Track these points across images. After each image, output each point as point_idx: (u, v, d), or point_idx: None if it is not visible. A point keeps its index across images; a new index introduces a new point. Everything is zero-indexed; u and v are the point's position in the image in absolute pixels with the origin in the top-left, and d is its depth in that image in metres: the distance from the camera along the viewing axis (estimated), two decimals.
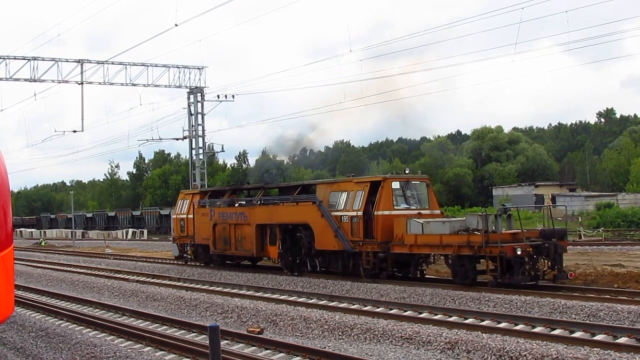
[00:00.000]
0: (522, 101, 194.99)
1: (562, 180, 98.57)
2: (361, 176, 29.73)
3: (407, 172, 28.56)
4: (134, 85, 51.08)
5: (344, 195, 28.15)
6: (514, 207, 27.78)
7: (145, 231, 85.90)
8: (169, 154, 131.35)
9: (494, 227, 23.53)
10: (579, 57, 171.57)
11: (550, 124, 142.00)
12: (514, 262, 22.26)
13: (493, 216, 23.95)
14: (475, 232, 23.50)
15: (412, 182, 28.23)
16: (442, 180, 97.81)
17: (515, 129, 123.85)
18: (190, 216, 37.12)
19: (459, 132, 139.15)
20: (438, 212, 28.43)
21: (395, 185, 27.59)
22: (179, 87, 52.78)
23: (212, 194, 37.78)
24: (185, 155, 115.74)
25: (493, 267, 22.93)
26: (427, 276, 27.34)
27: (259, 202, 32.65)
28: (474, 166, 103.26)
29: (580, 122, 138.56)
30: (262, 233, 32.19)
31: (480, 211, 26.37)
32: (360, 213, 27.16)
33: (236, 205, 34.39)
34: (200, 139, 53.37)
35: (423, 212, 27.35)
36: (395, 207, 27.13)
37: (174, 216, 39.77)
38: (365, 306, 21.64)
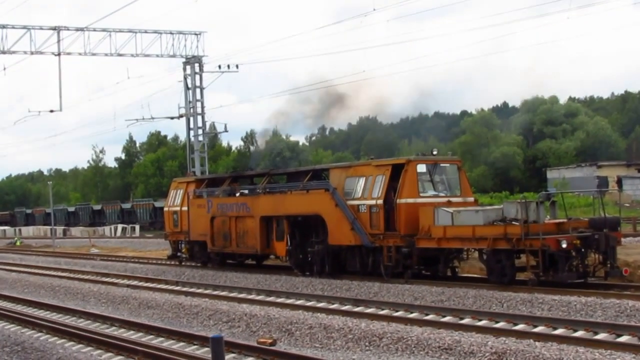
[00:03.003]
0: (581, 66, 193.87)
1: (630, 159, 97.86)
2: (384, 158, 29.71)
3: (434, 153, 28.48)
4: (120, 55, 51.35)
5: (362, 181, 28.16)
6: (558, 192, 27.78)
7: (137, 227, 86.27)
8: (165, 136, 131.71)
9: (535, 217, 23.50)
10: None
11: (613, 93, 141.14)
12: (559, 257, 22.30)
13: (534, 203, 23.93)
14: (514, 223, 23.49)
15: (441, 164, 28.21)
16: (486, 161, 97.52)
17: (572, 99, 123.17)
18: (185, 208, 37.26)
19: (505, 105, 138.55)
20: (471, 199, 28.43)
21: (421, 168, 27.56)
22: (173, 56, 53.02)
23: (210, 183, 37.90)
24: (184, 137, 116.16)
25: (534, 263, 22.96)
26: (460, 274, 27.41)
27: (263, 191, 32.71)
28: (525, 144, 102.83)
29: None
30: (267, 227, 32.30)
31: (534, 198, 26.35)
32: (380, 202, 27.17)
33: (237, 194, 34.49)
34: (200, 118, 53.55)
35: (453, 199, 27.36)
36: (421, 194, 27.14)
37: (166, 209, 39.97)
38: (397, 311, 21.69)
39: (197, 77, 53.41)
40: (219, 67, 53.01)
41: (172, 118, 57.28)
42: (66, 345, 19.11)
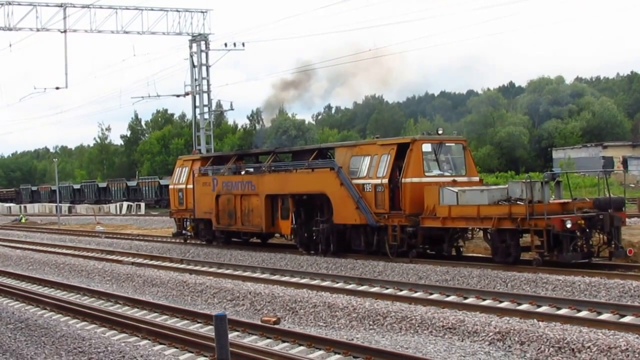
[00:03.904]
0: (587, 46, 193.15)
1: (636, 140, 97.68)
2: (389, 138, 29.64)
3: (440, 132, 28.43)
4: (127, 33, 51.25)
5: (367, 160, 28.14)
6: (563, 172, 27.74)
7: (142, 205, 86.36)
8: (172, 115, 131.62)
9: (540, 197, 23.46)
10: None
11: (618, 74, 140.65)
12: (563, 237, 22.32)
13: (539, 183, 23.91)
14: (519, 202, 23.46)
15: (446, 144, 28.17)
16: (492, 141, 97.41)
17: (578, 79, 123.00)
18: (190, 186, 37.28)
19: (512, 84, 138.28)
20: (476, 179, 28.43)
21: (427, 147, 27.54)
22: (180, 34, 52.90)
23: (215, 160, 37.88)
24: (190, 115, 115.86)
25: (539, 243, 22.97)
26: (465, 254, 27.41)
27: (268, 169, 32.70)
28: (530, 124, 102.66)
29: None
30: (272, 205, 32.33)
31: (539, 178, 26.33)
32: (385, 181, 27.14)
33: (242, 173, 34.49)
34: (205, 96, 53.49)
35: (458, 179, 27.33)
36: (427, 174, 27.12)
37: (171, 186, 39.99)
38: (401, 290, 21.70)
39: (203, 55, 53.30)
40: (225, 45, 52.91)
41: (177, 96, 57.32)
42: (70, 322, 19.15)
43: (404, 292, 21.38)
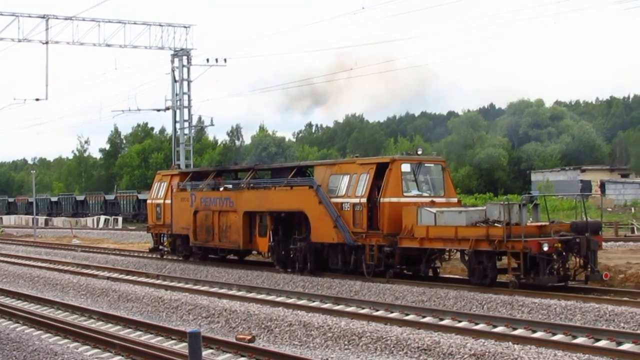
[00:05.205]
0: (567, 70, 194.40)
1: (613, 164, 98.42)
2: (369, 157, 29.69)
3: (419, 152, 28.53)
4: (109, 46, 51.13)
5: (346, 179, 28.15)
6: (541, 195, 27.87)
7: (120, 219, 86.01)
8: (152, 128, 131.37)
9: (518, 219, 23.53)
10: (638, 17, 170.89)
11: (597, 98, 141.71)
12: (540, 260, 22.37)
13: (517, 205, 23.97)
14: (496, 224, 23.51)
15: (425, 164, 28.23)
16: (472, 162, 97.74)
17: (558, 102, 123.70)
18: (168, 201, 37.18)
19: (492, 106, 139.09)
20: (455, 200, 28.48)
21: (406, 167, 27.57)
22: (162, 48, 52.78)
23: (194, 176, 37.81)
24: (171, 129, 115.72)
25: (516, 265, 23.00)
26: (442, 275, 27.50)
27: (247, 186, 32.65)
28: (510, 146, 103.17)
29: (636, 95, 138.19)
30: (250, 222, 32.25)
31: (518, 200, 26.41)
32: (364, 200, 27.15)
33: (221, 189, 34.43)
34: (186, 111, 53.39)
35: (437, 199, 27.37)
36: (405, 194, 27.14)
37: (149, 201, 39.91)
38: (377, 310, 21.66)
39: (185, 69, 53.25)
40: (207, 60, 52.90)
41: (158, 110, 57.08)
42: (43, 336, 18.98)
43: (380, 312, 21.35)
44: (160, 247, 39.12)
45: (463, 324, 19.14)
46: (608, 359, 14.64)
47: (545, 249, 22.28)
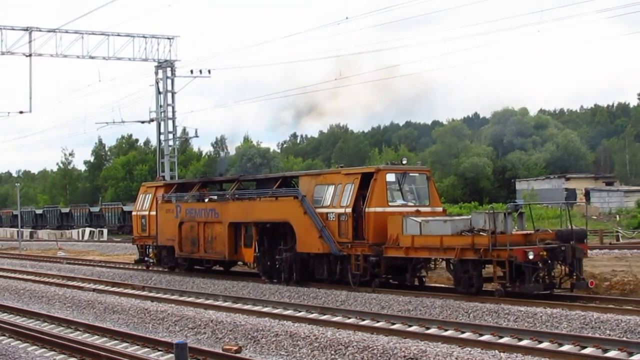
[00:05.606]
0: (551, 79, 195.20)
1: (598, 172, 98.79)
2: (354, 167, 29.76)
3: (404, 162, 28.66)
4: (92, 58, 51.12)
5: (331, 189, 28.20)
6: (526, 204, 27.97)
7: (105, 231, 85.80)
8: (136, 140, 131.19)
9: (503, 228, 23.61)
10: (622, 25, 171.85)
11: (582, 106, 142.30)
12: (525, 268, 22.44)
13: (502, 214, 24.06)
14: (482, 233, 23.60)
15: (410, 174, 28.33)
16: (456, 171, 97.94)
17: (542, 111, 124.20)
18: (153, 213, 37.16)
19: (476, 115, 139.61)
20: (440, 209, 28.54)
21: (390, 177, 27.66)
22: (146, 60, 52.85)
23: (179, 187, 37.80)
24: (155, 141, 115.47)
25: (501, 274, 23.08)
26: (427, 284, 27.54)
27: (232, 197, 32.66)
28: (494, 155, 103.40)
29: (620, 104, 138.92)
30: (235, 233, 32.24)
31: (503, 209, 26.51)
32: (349, 210, 27.20)
33: (206, 200, 34.44)
34: (171, 122, 53.41)
35: (422, 209, 27.44)
36: (390, 203, 27.21)
37: (135, 213, 39.91)
38: (363, 320, 21.67)
39: (169, 81, 53.30)
40: (191, 71, 52.95)
41: (142, 122, 57.05)
42: (29, 349, 18.94)
43: (366, 322, 21.36)
44: (146, 258, 39.05)
45: (449, 333, 19.16)
46: None
47: (531, 257, 22.34)
